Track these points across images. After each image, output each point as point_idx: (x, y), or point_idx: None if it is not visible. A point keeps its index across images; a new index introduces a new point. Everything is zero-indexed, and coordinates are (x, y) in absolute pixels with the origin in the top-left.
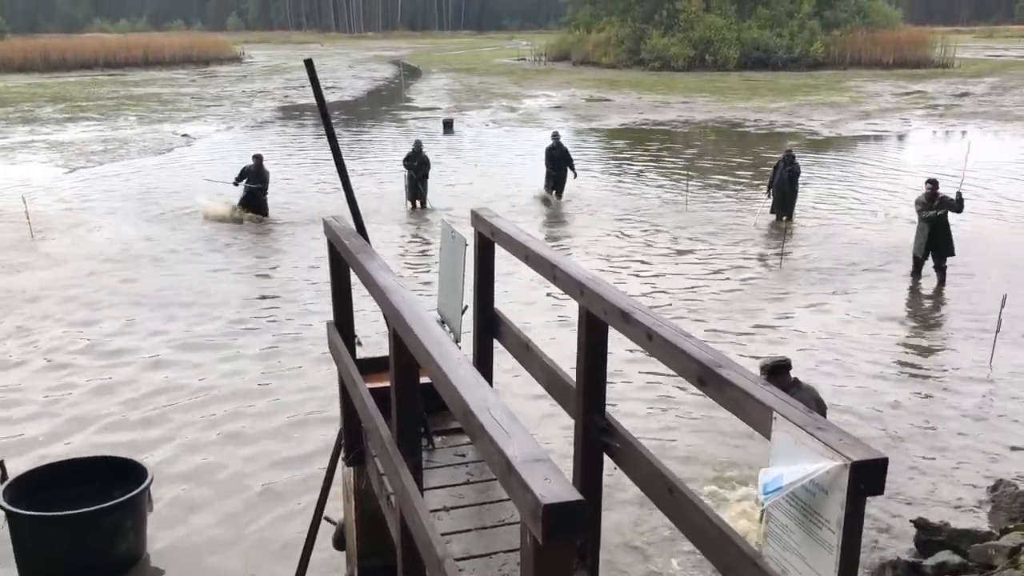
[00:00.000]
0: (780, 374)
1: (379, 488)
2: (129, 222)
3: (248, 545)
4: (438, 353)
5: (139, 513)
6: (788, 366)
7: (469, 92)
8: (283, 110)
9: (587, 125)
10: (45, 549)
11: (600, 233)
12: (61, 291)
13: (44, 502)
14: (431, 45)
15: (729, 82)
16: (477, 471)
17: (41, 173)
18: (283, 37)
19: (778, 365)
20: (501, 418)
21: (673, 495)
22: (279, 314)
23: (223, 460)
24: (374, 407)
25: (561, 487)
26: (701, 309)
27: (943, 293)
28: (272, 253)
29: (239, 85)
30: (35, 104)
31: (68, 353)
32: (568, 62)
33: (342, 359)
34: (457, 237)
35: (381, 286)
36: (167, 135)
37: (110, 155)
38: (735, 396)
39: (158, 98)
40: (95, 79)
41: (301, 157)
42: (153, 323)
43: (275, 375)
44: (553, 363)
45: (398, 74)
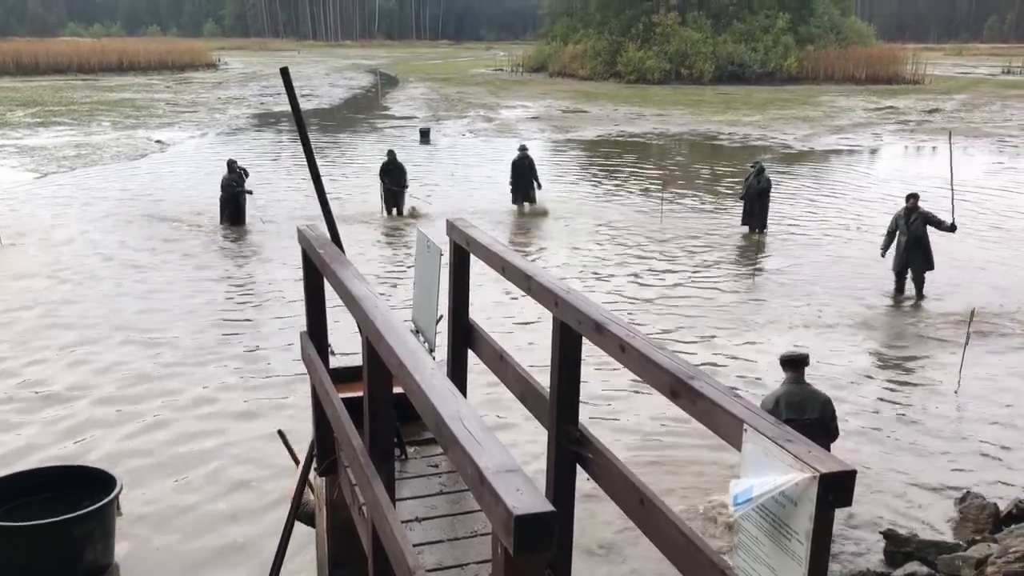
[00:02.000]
0: (798, 368)
1: (351, 498)
2: (101, 228)
3: (217, 554)
4: (411, 363)
5: (108, 523)
6: (806, 362)
7: (446, 101)
8: (258, 117)
9: (563, 136)
10: (13, 558)
11: (575, 244)
12: (29, 297)
13: (12, 511)
14: (409, 54)
15: (704, 95)
16: (450, 482)
17: (11, 178)
18: (260, 44)
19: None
20: (474, 429)
21: (644, 506)
22: (250, 321)
23: (189, 466)
24: (347, 417)
25: (532, 498)
26: (673, 321)
27: (920, 306)
28: (247, 260)
29: (214, 92)
30: (6, 108)
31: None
32: (545, 73)
33: (315, 369)
34: (432, 247)
35: (355, 295)
36: (141, 141)
37: (83, 160)
38: (707, 408)
39: (132, 104)
40: (68, 83)
41: (276, 164)
42: (121, 327)
43: (250, 377)
44: (527, 373)
45: (375, 83)
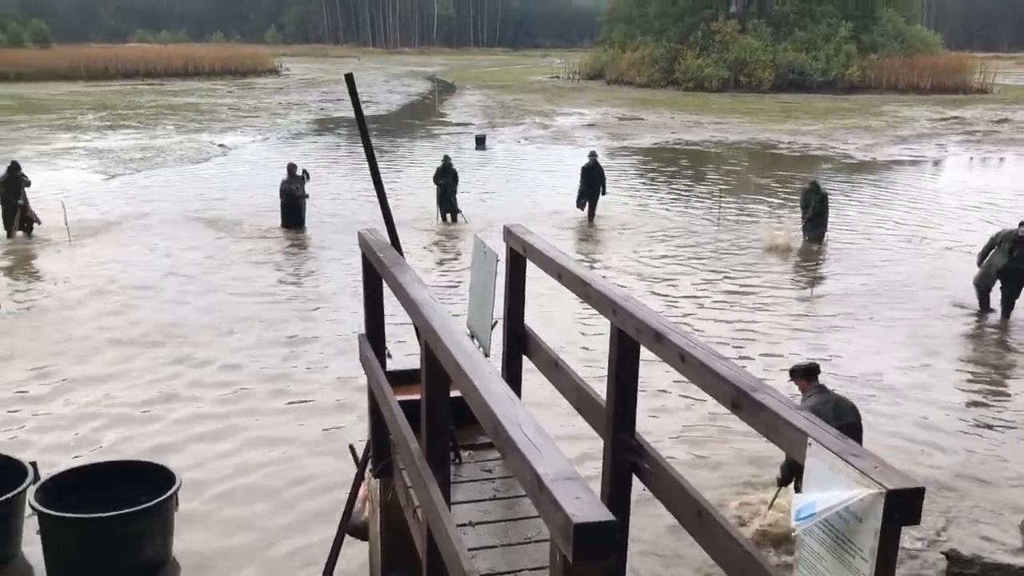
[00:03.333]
0: (811, 377)
1: (405, 501)
2: (164, 229)
3: (272, 553)
4: (470, 367)
5: (166, 518)
6: (818, 370)
7: (502, 108)
8: (319, 122)
9: (619, 144)
10: (74, 550)
11: (630, 252)
12: (93, 295)
13: (74, 504)
14: (466, 61)
15: (763, 104)
16: (504, 487)
17: (81, 179)
18: (320, 51)
19: (810, 368)
20: (532, 435)
21: (702, 518)
22: (307, 324)
23: (250, 466)
24: (404, 420)
25: (592, 506)
26: (727, 332)
27: (1002, 324)
28: (305, 263)
29: (276, 97)
30: (77, 112)
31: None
32: (602, 80)
33: (372, 371)
34: (489, 252)
35: (414, 299)
36: (204, 144)
37: (148, 163)
38: (769, 420)
39: (196, 108)
40: (136, 88)
41: (336, 169)
42: (179, 324)
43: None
44: (583, 381)
45: (432, 89)
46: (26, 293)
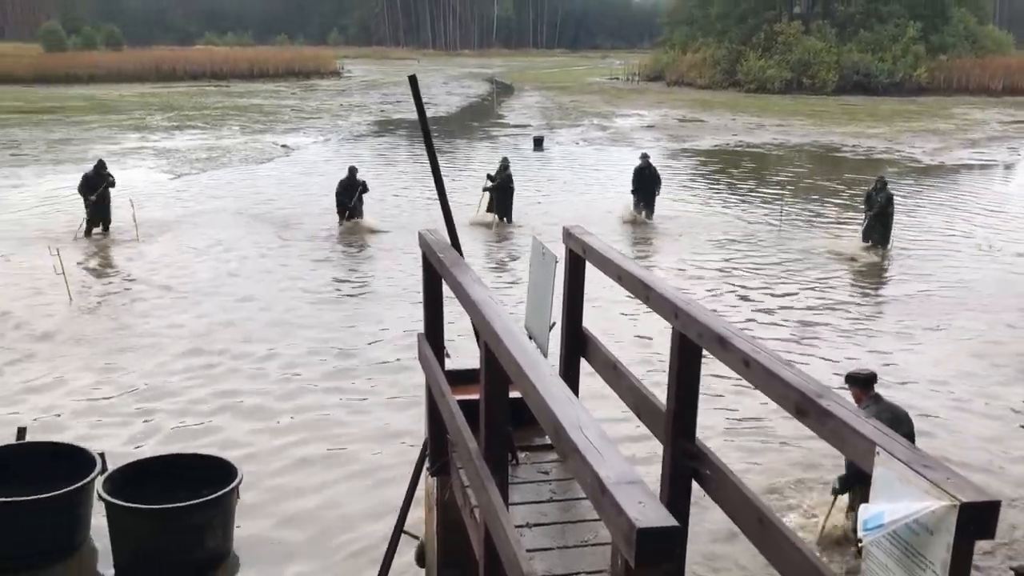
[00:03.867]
0: (868, 387)
1: (462, 500)
2: (227, 228)
3: (330, 548)
4: (530, 368)
5: (227, 511)
6: (875, 380)
7: (560, 110)
8: (379, 124)
9: (679, 145)
10: (139, 539)
11: (689, 255)
12: (160, 291)
13: (140, 495)
14: (525, 63)
15: (826, 106)
16: (561, 489)
17: (149, 178)
18: (381, 52)
19: (868, 378)
20: (594, 438)
21: (763, 525)
22: (366, 323)
23: (308, 461)
24: (462, 419)
25: (655, 511)
26: (788, 337)
27: None
28: (365, 263)
29: (337, 99)
30: (146, 113)
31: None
32: (662, 82)
33: (431, 370)
34: (547, 254)
35: (474, 299)
36: (268, 145)
37: (213, 163)
38: (836, 428)
39: (260, 109)
40: (202, 90)
41: (394, 170)
42: (245, 321)
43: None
44: (642, 385)
45: (491, 91)
46: (95, 289)
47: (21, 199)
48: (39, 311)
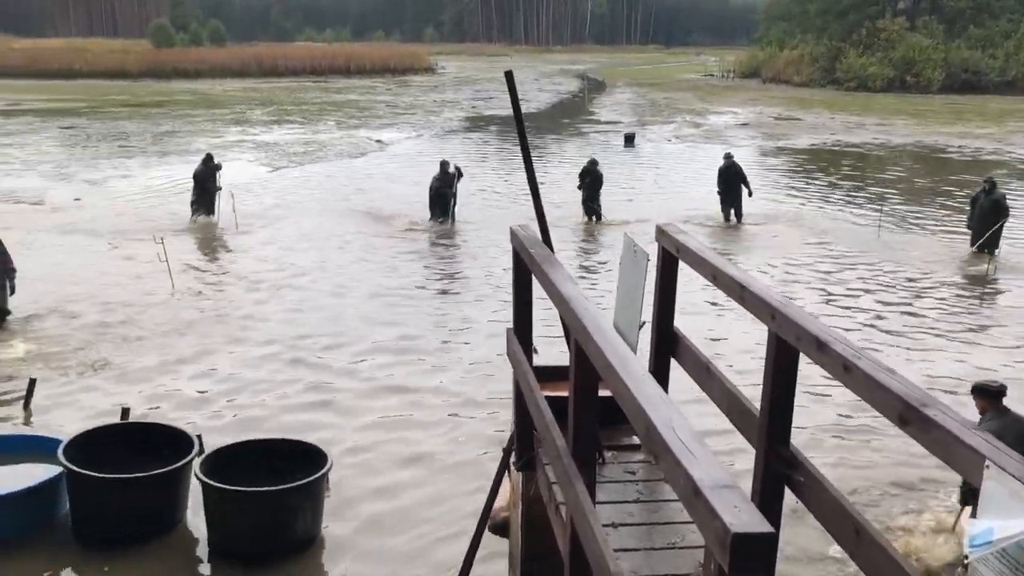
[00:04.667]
0: (994, 399)
1: (548, 496)
2: (322, 220)
3: (414, 537)
4: (621, 367)
5: (317, 496)
6: (1003, 392)
7: (653, 107)
8: (470, 120)
9: (774, 144)
10: (232, 520)
11: (781, 256)
12: (256, 281)
13: (234, 477)
14: (617, 59)
15: (931, 105)
16: (648, 490)
17: (249, 171)
18: (475, 49)
19: (999, 390)
20: (687, 439)
21: (860, 537)
22: (455, 318)
23: (396, 453)
24: (551, 416)
25: (751, 516)
26: (885, 345)
27: None
28: (454, 258)
29: (431, 95)
30: (247, 107)
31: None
32: (757, 79)
33: (520, 365)
34: (639, 251)
35: (564, 296)
36: (362, 140)
37: (310, 157)
38: (942, 439)
39: (356, 105)
40: (301, 85)
41: (485, 165)
42: (337, 317)
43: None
44: (735, 388)
45: (582, 87)
46: (195, 278)
47: (128, 189)
48: (143, 298)
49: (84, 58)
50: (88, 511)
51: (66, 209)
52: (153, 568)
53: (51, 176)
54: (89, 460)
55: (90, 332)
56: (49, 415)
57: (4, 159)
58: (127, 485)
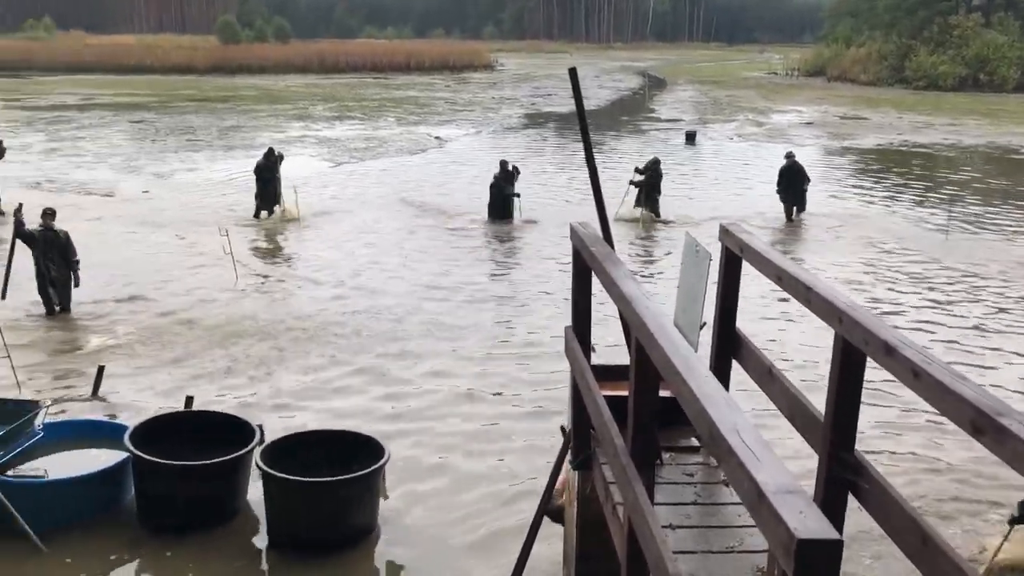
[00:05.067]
0: None
1: (604, 495)
2: (382, 216)
3: (469, 530)
4: (684, 367)
5: (374, 488)
6: None
7: (715, 105)
8: (529, 117)
9: (839, 143)
10: (291, 509)
11: (847, 259)
12: (317, 276)
13: (293, 467)
14: (679, 56)
15: (1006, 104)
16: (706, 493)
17: (311, 166)
18: (535, 46)
19: None
20: (752, 443)
21: (927, 547)
22: (511, 315)
23: (452, 445)
24: (609, 415)
25: (818, 523)
26: (954, 351)
27: None
28: (512, 255)
29: (489, 92)
30: (309, 103)
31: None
32: (823, 77)
33: (578, 363)
34: (701, 251)
35: (625, 294)
36: (422, 136)
37: (371, 152)
38: (1017, 449)
39: (415, 101)
40: (362, 82)
41: (542, 163)
42: (396, 312)
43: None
44: (798, 391)
45: (643, 85)
46: (258, 269)
47: (195, 182)
48: (207, 289)
49: (154, 54)
50: (152, 496)
51: (135, 201)
52: (213, 554)
53: (121, 168)
54: (154, 446)
55: (156, 321)
56: (116, 401)
57: (77, 152)
58: (190, 472)
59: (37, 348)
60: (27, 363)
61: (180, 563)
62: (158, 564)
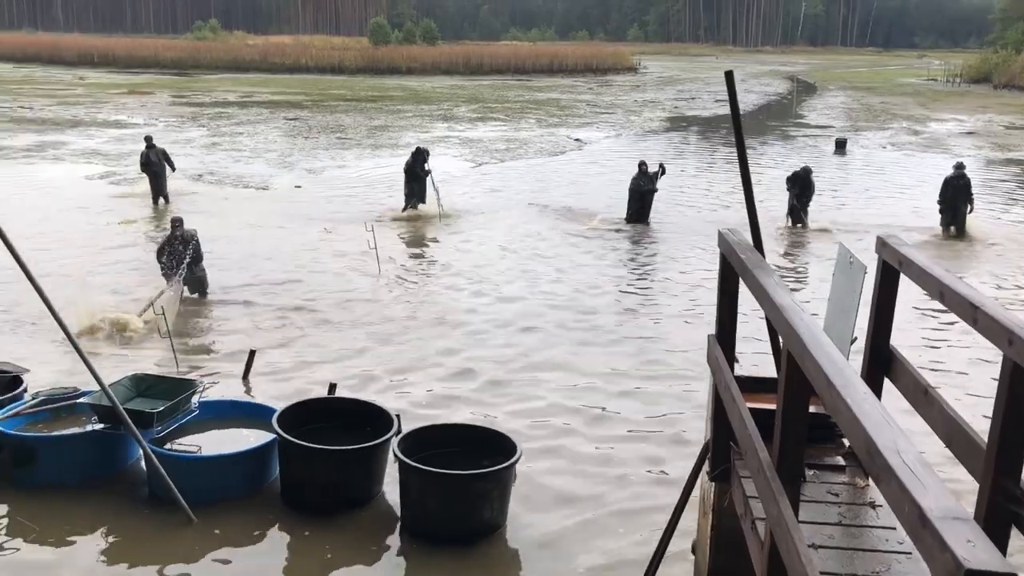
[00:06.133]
0: None
1: (743, 510)
2: (521, 217)
3: (599, 534)
4: (841, 383)
5: (505, 485)
6: None
7: (867, 112)
8: (671, 121)
9: (1004, 155)
10: (423, 498)
11: (1011, 276)
12: (455, 274)
13: (427, 458)
14: (830, 61)
15: None
16: (851, 514)
17: (454, 166)
18: (680, 49)
19: None
20: (914, 464)
21: None
22: (648, 321)
23: (586, 455)
24: (754, 428)
25: (988, 554)
26: None
27: None
28: (653, 260)
29: (632, 94)
30: (453, 104)
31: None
32: (988, 85)
33: (722, 373)
34: (855, 263)
35: (778, 304)
36: (562, 138)
37: (511, 154)
38: None
39: (557, 104)
40: (505, 83)
41: (684, 168)
42: (532, 314)
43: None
44: (957, 415)
45: (791, 90)
46: (400, 266)
47: (344, 179)
48: (351, 282)
49: (309, 54)
50: (295, 477)
51: (288, 195)
52: (349, 537)
53: (276, 164)
54: (298, 429)
55: (304, 311)
56: (265, 385)
57: (236, 147)
58: (333, 456)
59: (194, 332)
60: (185, 345)
61: (318, 543)
62: (297, 542)
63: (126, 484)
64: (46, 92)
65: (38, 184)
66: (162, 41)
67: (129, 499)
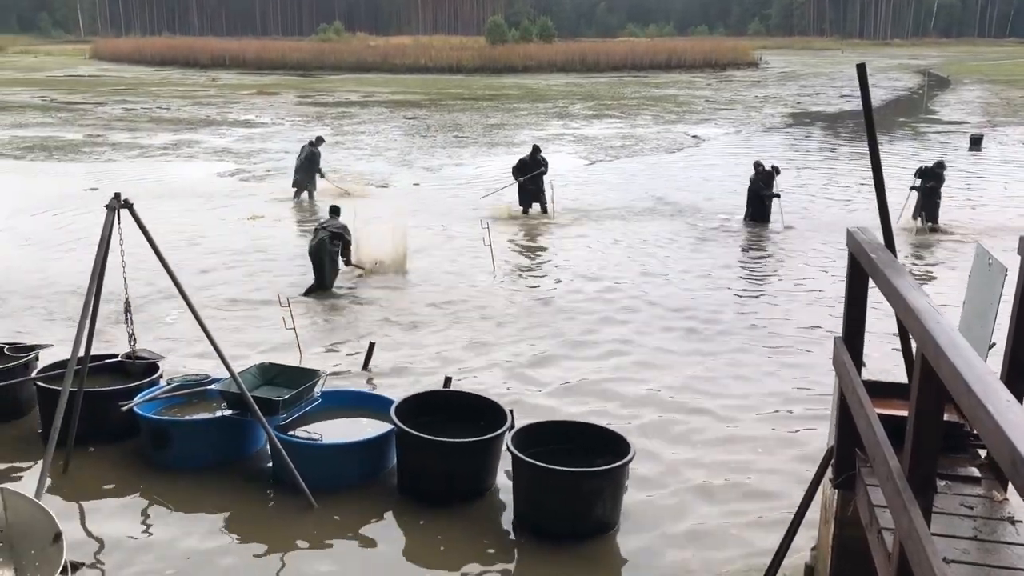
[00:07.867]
0: None
1: (868, 519)
2: (632, 215)
3: (712, 541)
4: (982, 390)
5: (617, 484)
6: None
7: (1007, 106)
8: (793, 116)
9: None
10: (534, 492)
11: None
12: (565, 272)
13: (539, 453)
14: (966, 54)
15: None
16: (987, 529)
17: (568, 163)
18: (803, 43)
19: None
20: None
21: None
22: (767, 323)
23: (702, 460)
24: (883, 434)
25: None
26: None
27: None
28: (767, 260)
29: (752, 90)
30: (569, 101)
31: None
32: None
33: (848, 377)
34: (995, 264)
35: (912, 306)
36: (679, 135)
37: (626, 151)
38: None
39: (674, 100)
40: (621, 80)
41: (803, 165)
42: (645, 319)
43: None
44: None
45: (923, 83)
46: (514, 263)
47: (460, 176)
48: (466, 278)
49: (428, 54)
50: (412, 467)
51: (407, 192)
52: (462, 528)
53: (395, 162)
54: (415, 420)
55: (422, 305)
56: (384, 376)
57: (358, 145)
58: (450, 448)
59: (318, 324)
60: (309, 336)
61: (432, 533)
62: (412, 531)
63: (252, 469)
64: (182, 93)
65: (171, 179)
66: (289, 43)
67: (254, 483)
